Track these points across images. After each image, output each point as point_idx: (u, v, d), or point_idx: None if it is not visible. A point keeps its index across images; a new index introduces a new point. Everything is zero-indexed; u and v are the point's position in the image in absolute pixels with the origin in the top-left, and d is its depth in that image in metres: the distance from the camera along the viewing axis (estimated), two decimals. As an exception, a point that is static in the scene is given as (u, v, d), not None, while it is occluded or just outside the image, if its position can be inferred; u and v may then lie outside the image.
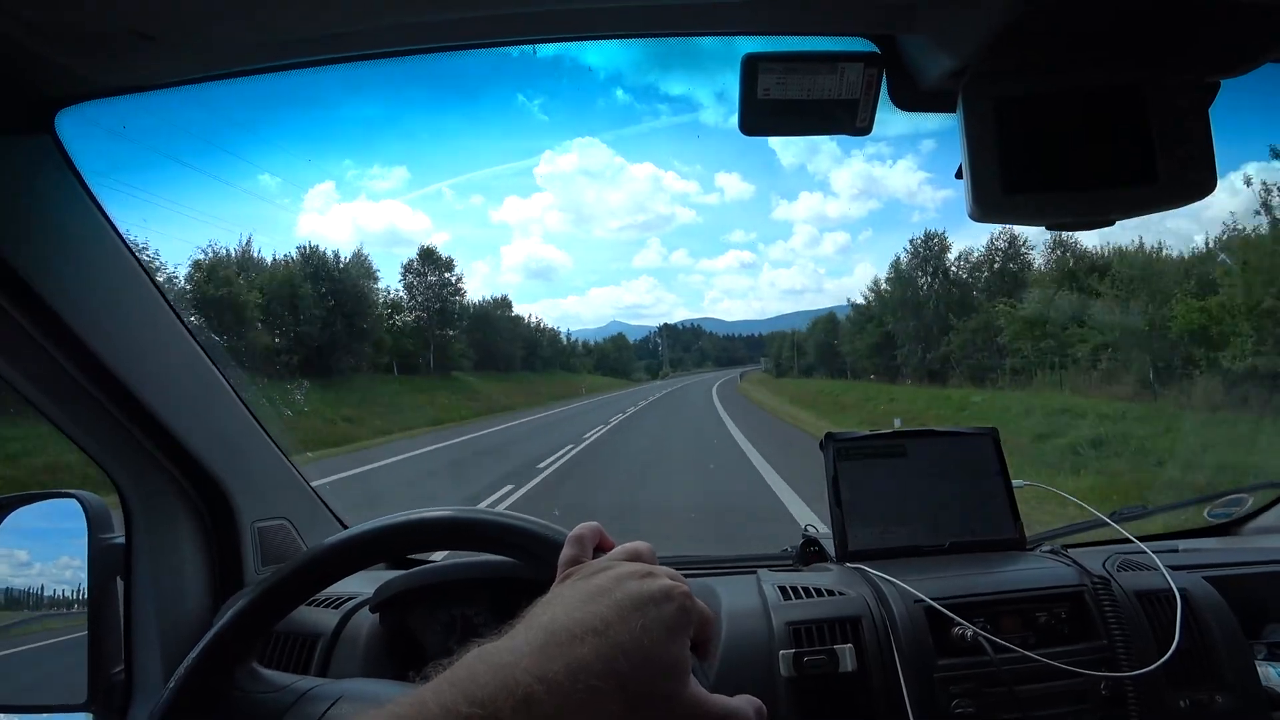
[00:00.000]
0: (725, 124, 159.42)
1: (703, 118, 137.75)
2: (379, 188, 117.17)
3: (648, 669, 0.37)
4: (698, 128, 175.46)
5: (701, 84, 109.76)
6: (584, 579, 0.42)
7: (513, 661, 0.35)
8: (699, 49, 0.66)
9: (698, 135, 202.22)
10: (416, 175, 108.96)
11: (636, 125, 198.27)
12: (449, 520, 0.60)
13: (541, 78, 32.04)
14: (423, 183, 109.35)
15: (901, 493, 1.04)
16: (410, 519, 0.60)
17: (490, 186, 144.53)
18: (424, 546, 0.64)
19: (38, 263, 0.71)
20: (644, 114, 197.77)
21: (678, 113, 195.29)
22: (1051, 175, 0.60)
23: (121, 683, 0.90)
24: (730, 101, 0.66)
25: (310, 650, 0.92)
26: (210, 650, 0.58)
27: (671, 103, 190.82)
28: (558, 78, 38.48)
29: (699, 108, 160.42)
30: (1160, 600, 0.84)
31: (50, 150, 0.73)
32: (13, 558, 0.96)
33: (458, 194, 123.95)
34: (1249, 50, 0.62)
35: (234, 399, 1.01)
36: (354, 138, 62.69)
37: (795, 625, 0.83)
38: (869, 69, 0.65)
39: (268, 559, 1.04)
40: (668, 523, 5.70)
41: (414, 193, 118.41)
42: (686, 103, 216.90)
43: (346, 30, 0.61)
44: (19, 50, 0.60)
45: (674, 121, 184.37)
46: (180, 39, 0.62)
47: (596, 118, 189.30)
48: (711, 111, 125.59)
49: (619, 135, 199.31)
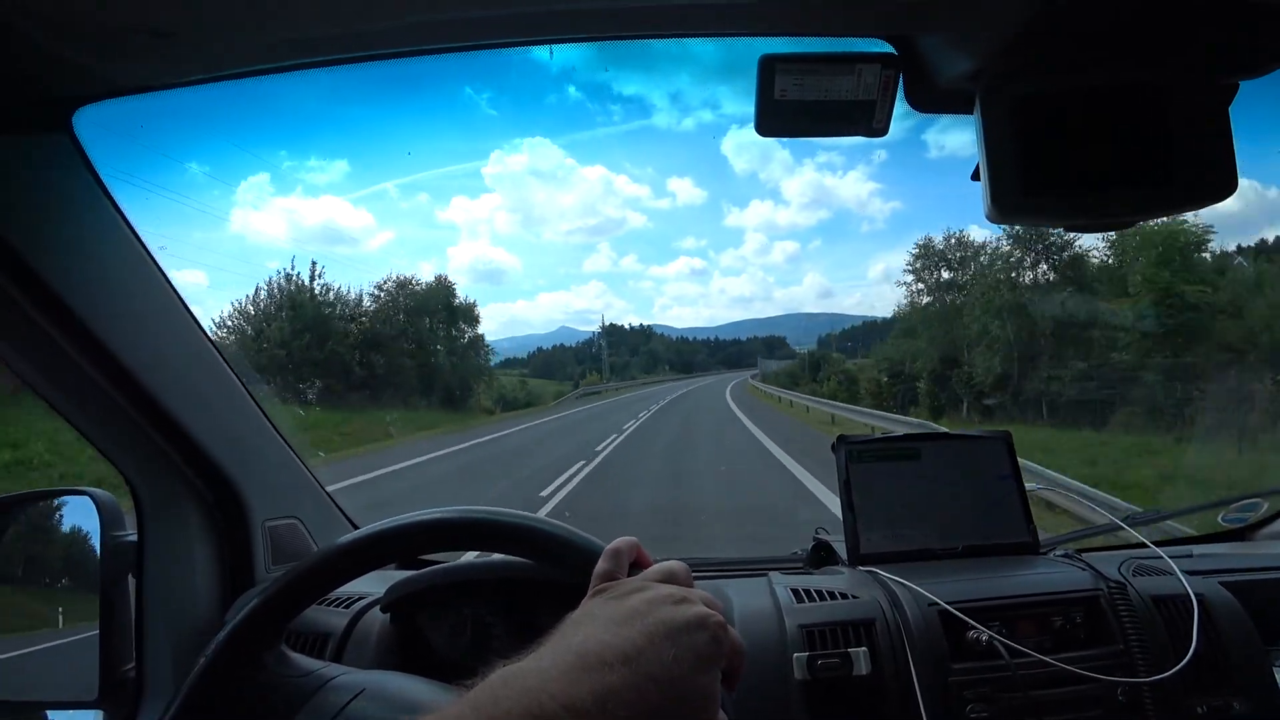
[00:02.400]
0: (678, 127, 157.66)
1: (656, 120, 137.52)
2: (317, 181, 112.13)
3: (676, 700, 0.36)
4: (651, 129, 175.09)
5: (655, 85, 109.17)
6: (617, 598, 0.41)
7: (539, 686, 0.34)
8: (653, 48, 0.64)
9: (650, 138, 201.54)
10: (358, 170, 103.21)
11: (588, 124, 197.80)
12: (474, 521, 0.59)
13: (490, 71, 29.62)
14: (364, 178, 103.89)
15: (914, 496, 1.04)
16: (430, 518, 0.60)
17: (437, 186, 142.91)
18: (447, 546, 0.63)
19: (54, 261, 0.72)
20: (596, 114, 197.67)
21: (630, 114, 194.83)
22: (1069, 176, 0.59)
23: (132, 680, 0.90)
24: (684, 105, 0.66)
25: (321, 649, 0.92)
26: (227, 646, 0.58)
27: (625, 103, 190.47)
28: (506, 71, 36.16)
29: (652, 110, 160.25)
30: (1176, 605, 0.83)
31: (67, 149, 0.74)
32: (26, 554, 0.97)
33: (403, 193, 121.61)
34: (1268, 51, 0.61)
35: (246, 398, 1.01)
36: (290, 127, 58.20)
37: (809, 628, 0.82)
38: (886, 70, 0.65)
39: (278, 558, 1.04)
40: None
41: (356, 191, 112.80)
42: (639, 104, 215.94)
43: (367, 30, 0.61)
44: (37, 48, 0.60)
45: (626, 122, 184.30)
46: (198, 37, 0.62)
47: (547, 115, 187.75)
48: (665, 114, 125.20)
49: (571, 138, 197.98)
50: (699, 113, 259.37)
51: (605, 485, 7.48)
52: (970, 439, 1.09)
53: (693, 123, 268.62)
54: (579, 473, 8.05)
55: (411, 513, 0.61)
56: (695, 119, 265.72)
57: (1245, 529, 1.23)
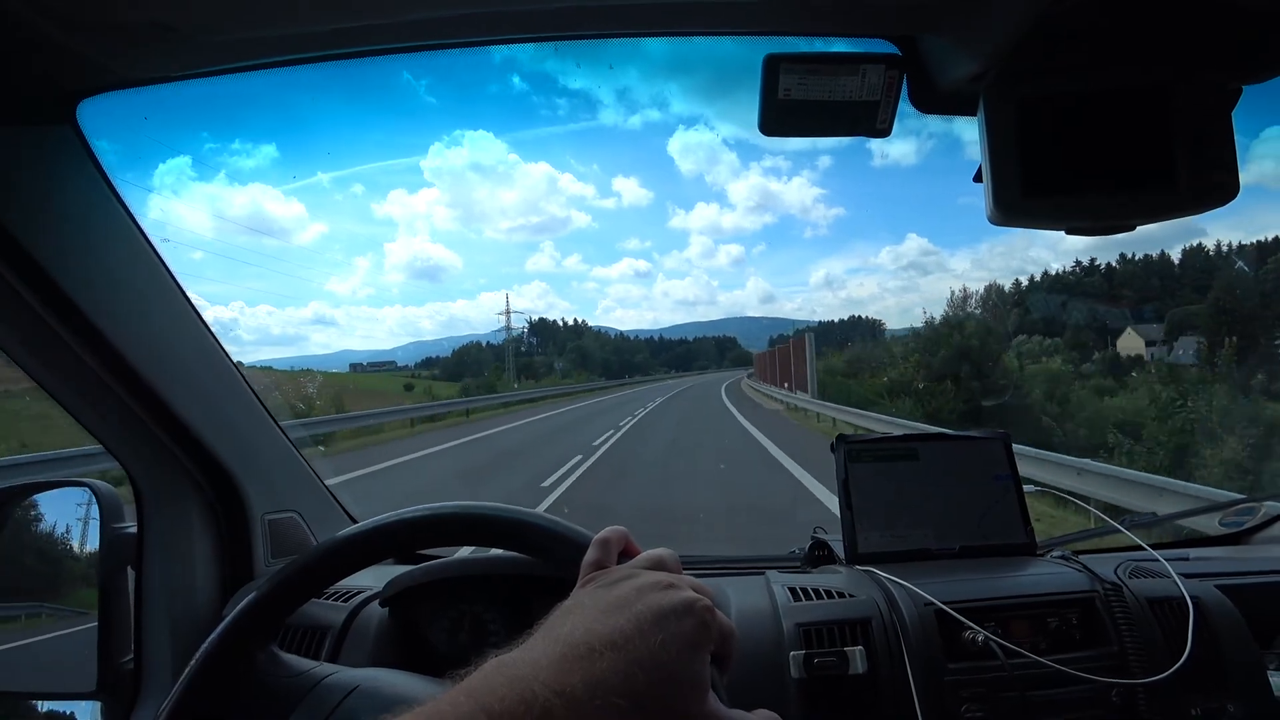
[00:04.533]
0: (625, 124, 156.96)
1: (603, 117, 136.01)
2: (243, 166, 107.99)
3: (666, 685, 0.37)
4: (597, 125, 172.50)
5: (602, 80, 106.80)
6: (606, 587, 0.42)
7: (530, 674, 0.35)
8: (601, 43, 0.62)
9: (597, 135, 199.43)
10: (287, 156, 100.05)
11: (532, 116, 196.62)
12: (466, 515, 0.60)
13: (429, 54, 26.39)
14: (294, 165, 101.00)
15: (912, 496, 1.04)
16: (427, 513, 0.60)
17: (373, 178, 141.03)
18: (440, 541, 0.63)
19: (57, 252, 0.72)
20: (540, 106, 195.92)
21: (576, 109, 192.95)
22: (1072, 179, 0.60)
23: (131, 672, 0.91)
24: (631, 103, 0.66)
25: (319, 643, 0.92)
26: (224, 639, 0.58)
27: (570, 97, 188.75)
28: (446, 55, 33.66)
29: (599, 105, 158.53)
30: (1172, 607, 0.84)
31: (71, 140, 0.74)
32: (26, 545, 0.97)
33: (337, 185, 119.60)
34: (1270, 56, 0.61)
35: (247, 392, 1.02)
36: (211, 107, 53.75)
37: (805, 626, 0.83)
38: (890, 70, 0.65)
39: (278, 551, 1.04)
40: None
41: (286, 180, 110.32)
42: (586, 99, 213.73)
43: (372, 24, 0.61)
44: (42, 40, 0.60)
45: (572, 115, 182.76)
46: (202, 31, 0.62)
47: (488, 105, 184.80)
48: (612, 111, 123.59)
49: (515, 135, 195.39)
50: (646, 110, 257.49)
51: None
52: (969, 440, 1.09)
53: (639, 121, 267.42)
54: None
55: (406, 508, 0.61)
56: (643, 117, 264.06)
57: (1242, 533, 1.24)
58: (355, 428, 13.36)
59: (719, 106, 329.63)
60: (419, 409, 18.00)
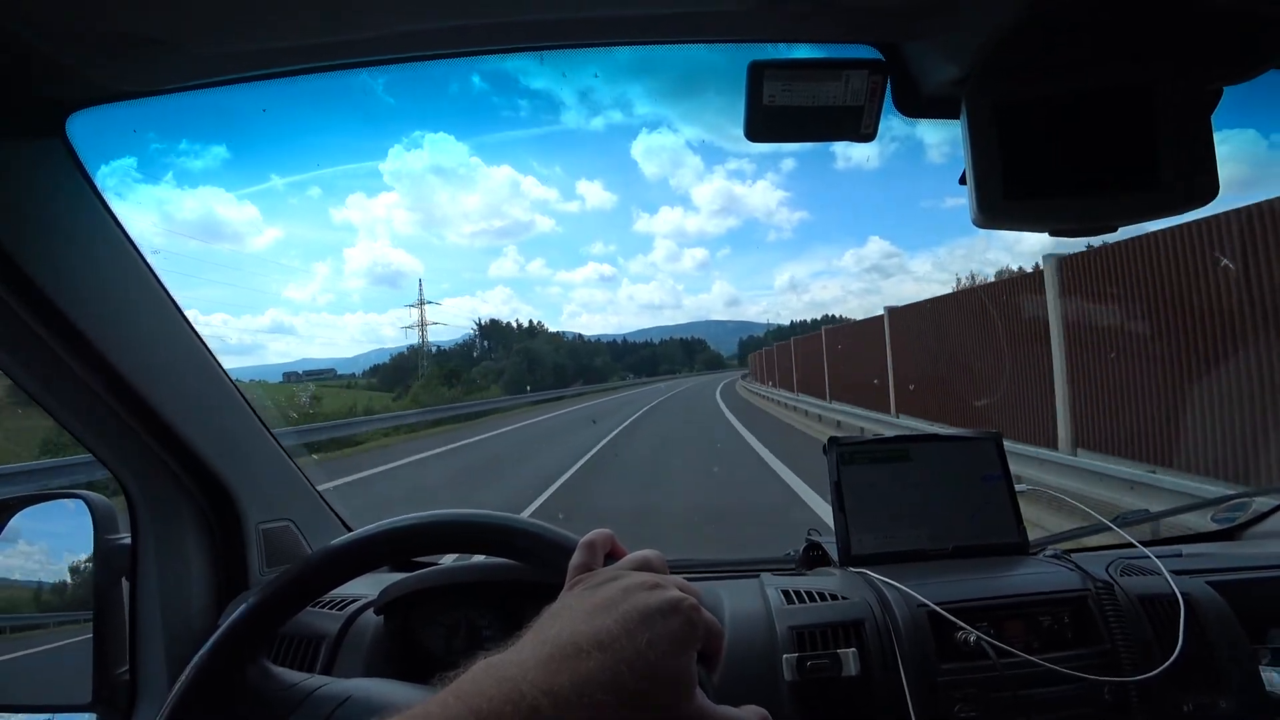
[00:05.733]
0: (588, 126, 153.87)
1: (565, 118, 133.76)
2: (191, 168, 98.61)
3: (652, 683, 0.37)
4: (559, 127, 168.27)
5: (564, 82, 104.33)
6: (592, 589, 0.42)
7: (518, 675, 0.35)
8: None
9: (560, 138, 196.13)
10: (239, 156, 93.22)
11: (493, 119, 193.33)
12: (455, 522, 0.60)
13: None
14: (246, 166, 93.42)
15: (905, 497, 1.04)
16: (417, 521, 0.60)
17: (332, 182, 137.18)
18: (431, 549, 0.64)
19: (47, 265, 0.72)
20: (501, 107, 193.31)
21: (538, 110, 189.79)
22: (1054, 181, 0.60)
23: (126, 683, 0.91)
24: (593, 104, 0.66)
25: (315, 652, 0.92)
26: (217, 650, 0.58)
27: (532, 98, 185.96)
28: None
29: (561, 106, 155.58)
30: (1164, 605, 0.84)
31: (61, 153, 0.74)
32: (19, 557, 0.97)
33: (293, 189, 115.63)
34: (1249, 58, 0.62)
35: (240, 401, 1.02)
36: (156, 106, 50.05)
37: (798, 629, 0.83)
38: (873, 76, 0.65)
39: (272, 561, 1.04)
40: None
41: (240, 182, 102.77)
42: (548, 100, 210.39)
43: (357, 38, 0.62)
44: (31, 53, 0.60)
45: (533, 115, 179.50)
46: (190, 44, 0.63)
47: (448, 104, 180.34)
48: (574, 113, 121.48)
49: (476, 134, 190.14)
50: (610, 112, 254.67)
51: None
52: (961, 440, 1.10)
53: (603, 122, 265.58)
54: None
55: (399, 516, 0.61)
56: (606, 119, 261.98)
57: (1234, 529, 1.24)
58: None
59: (683, 109, 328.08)
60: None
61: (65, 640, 0.93)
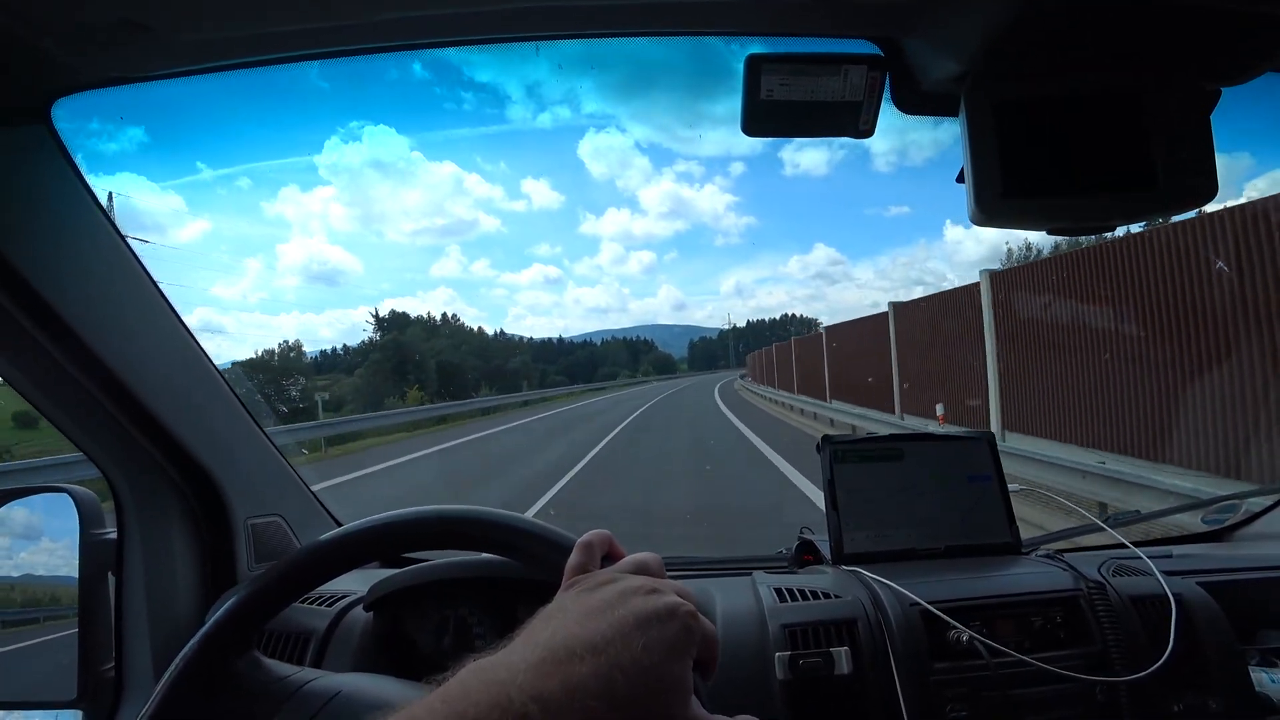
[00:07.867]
0: (534, 123, 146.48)
1: (510, 113, 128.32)
2: (104, 151, 76.42)
3: (646, 690, 0.36)
4: (506, 126, 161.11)
5: (509, 74, 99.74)
6: (588, 591, 0.41)
7: (508, 679, 0.34)
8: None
9: (505, 135, 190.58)
10: (158, 139, 77.69)
11: (436, 111, 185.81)
12: (450, 518, 0.59)
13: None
14: (168, 151, 76.90)
15: (898, 496, 1.04)
16: (409, 517, 0.60)
17: (264, 174, 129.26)
18: (423, 545, 0.63)
19: (32, 253, 0.71)
20: (444, 99, 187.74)
21: (483, 105, 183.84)
22: (1052, 179, 0.60)
23: (111, 679, 0.90)
24: (540, 100, 0.64)
25: (303, 648, 0.91)
26: (204, 645, 0.57)
27: (477, 90, 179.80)
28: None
29: (506, 101, 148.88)
30: (1155, 605, 0.84)
31: (45, 140, 0.73)
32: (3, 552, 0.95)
33: (222, 182, 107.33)
34: (1248, 59, 0.62)
35: (229, 395, 1.00)
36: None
37: (791, 628, 0.83)
38: (872, 71, 0.65)
39: (261, 556, 1.03)
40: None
41: (161, 169, 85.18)
42: (493, 94, 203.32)
43: (344, 24, 0.60)
44: (13, 40, 0.59)
45: (478, 109, 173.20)
46: (175, 30, 0.62)
47: (386, 91, 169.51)
48: (520, 108, 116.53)
49: (418, 129, 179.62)
50: (557, 108, 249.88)
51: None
52: (953, 440, 1.10)
53: (549, 119, 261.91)
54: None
55: (391, 511, 0.61)
56: (553, 115, 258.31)
57: (1224, 530, 1.25)
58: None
59: (632, 108, 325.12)
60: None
61: (50, 636, 0.91)
